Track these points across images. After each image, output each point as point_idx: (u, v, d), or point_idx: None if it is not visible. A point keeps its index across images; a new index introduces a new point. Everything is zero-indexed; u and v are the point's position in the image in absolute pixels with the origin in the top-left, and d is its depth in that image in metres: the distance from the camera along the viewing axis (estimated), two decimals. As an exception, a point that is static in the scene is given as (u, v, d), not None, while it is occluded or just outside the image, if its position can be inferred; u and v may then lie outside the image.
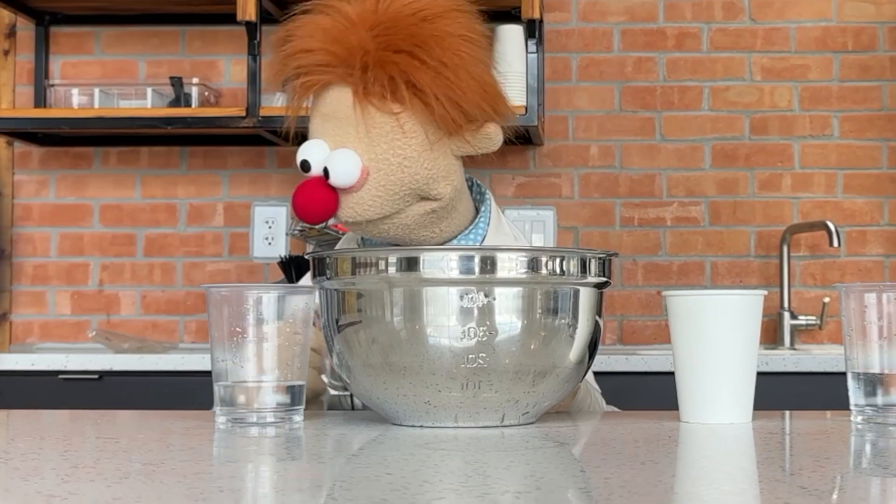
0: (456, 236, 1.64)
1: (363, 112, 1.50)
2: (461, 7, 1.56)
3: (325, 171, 1.50)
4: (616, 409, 1.75)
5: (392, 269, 1.23)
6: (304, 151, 1.53)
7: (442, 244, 1.63)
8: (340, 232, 2.94)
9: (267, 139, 3.21)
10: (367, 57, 1.50)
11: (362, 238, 1.70)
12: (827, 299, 3.20)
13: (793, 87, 3.31)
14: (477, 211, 1.68)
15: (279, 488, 0.88)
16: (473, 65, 1.52)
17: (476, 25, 1.57)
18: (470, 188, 1.68)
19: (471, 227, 1.65)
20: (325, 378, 1.55)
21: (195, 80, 3.21)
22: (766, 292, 1.33)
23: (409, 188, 1.54)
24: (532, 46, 2.96)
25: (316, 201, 1.51)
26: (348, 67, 1.50)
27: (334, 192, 1.50)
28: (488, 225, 1.67)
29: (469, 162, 1.69)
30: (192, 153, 3.38)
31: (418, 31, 1.51)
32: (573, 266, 1.26)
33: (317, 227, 2.99)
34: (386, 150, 1.51)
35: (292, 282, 2.95)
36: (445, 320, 1.21)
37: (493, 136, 1.57)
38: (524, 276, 1.23)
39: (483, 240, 1.66)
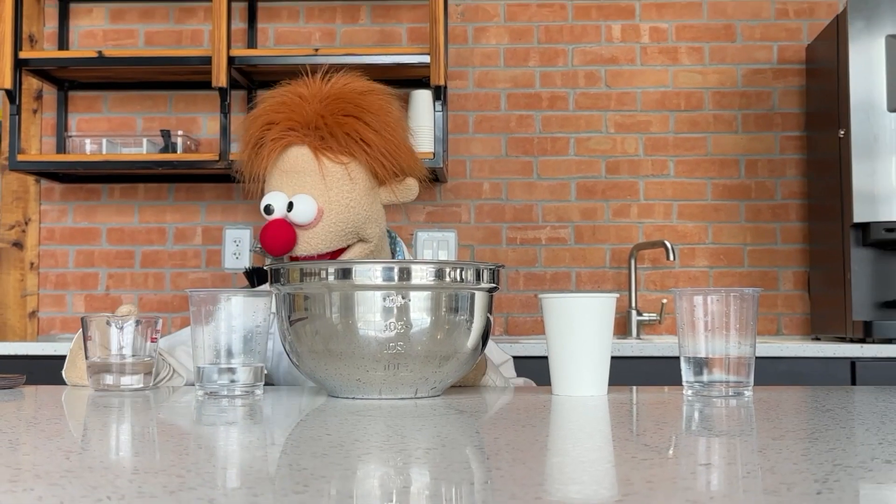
0: None
1: (319, 163, 1.56)
2: (384, 89, 1.67)
3: (289, 210, 1.55)
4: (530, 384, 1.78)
5: (331, 278, 1.28)
6: (268, 199, 1.59)
7: None
8: None
9: (235, 178, 3.29)
10: (321, 120, 1.57)
11: None
12: (665, 300, 3.39)
13: (639, 137, 3.49)
14: (393, 254, 1.75)
15: (244, 445, 0.90)
16: (400, 130, 1.63)
17: (396, 101, 1.68)
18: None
19: None
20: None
21: (180, 133, 3.37)
22: (618, 295, 1.42)
23: (352, 227, 1.60)
24: (438, 107, 3.13)
25: (280, 238, 1.54)
26: (306, 130, 1.56)
27: (293, 230, 1.55)
28: None
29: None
30: (177, 188, 3.53)
31: (360, 101, 1.60)
32: (470, 275, 1.32)
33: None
34: (337, 193, 1.57)
35: (254, 287, 2.94)
36: (372, 316, 1.26)
37: (412, 188, 1.68)
38: (432, 282, 1.28)
39: None
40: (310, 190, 1.56)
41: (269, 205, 1.58)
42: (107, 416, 1.13)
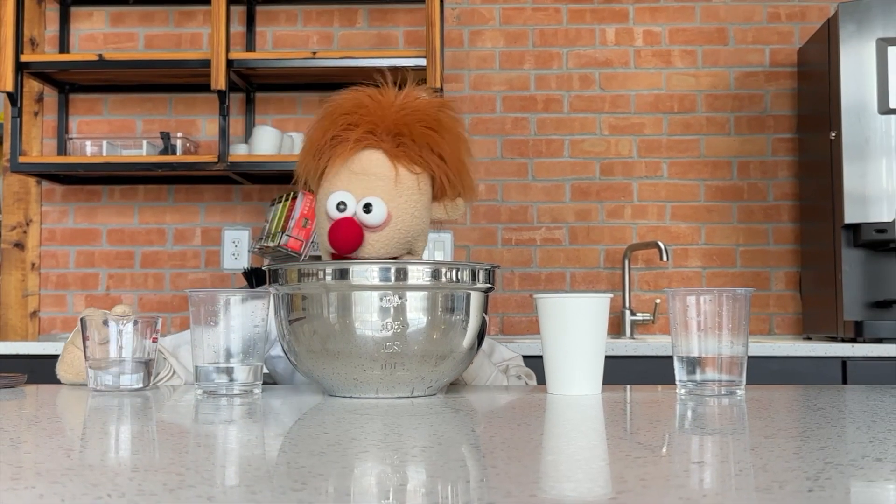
0: None
1: (395, 169, 1.52)
2: (455, 106, 1.65)
3: (366, 212, 1.51)
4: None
5: (329, 278, 1.27)
6: (339, 196, 1.53)
7: None
8: (291, 250, 3.06)
9: (234, 179, 3.39)
10: (402, 128, 1.54)
11: None
12: (658, 300, 3.40)
13: (632, 139, 3.49)
14: None
15: (243, 444, 0.90)
16: (466, 151, 1.61)
17: (462, 121, 1.67)
18: None
19: None
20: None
21: (179, 135, 3.36)
22: (612, 295, 1.36)
23: (410, 237, 1.55)
24: None
25: (351, 236, 1.49)
26: (384, 135, 1.53)
27: (362, 230, 1.50)
28: None
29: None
30: (177, 190, 3.52)
31: (437, 115, 1.58)
32: (466, 275, 1.31)
33: (271, 245, 3.09)
34: (406, 201, 1.53)
35: (253, 287, 3.10)
36: (369, 316, 1.25)
37: (461, 208, 1.64)
38: (429, 282, 1.28)
39: None
40: (381, 194, 1.52)
41: (343, 202, 1.53)
42: (107, 416, 1.13)
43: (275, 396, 1.35)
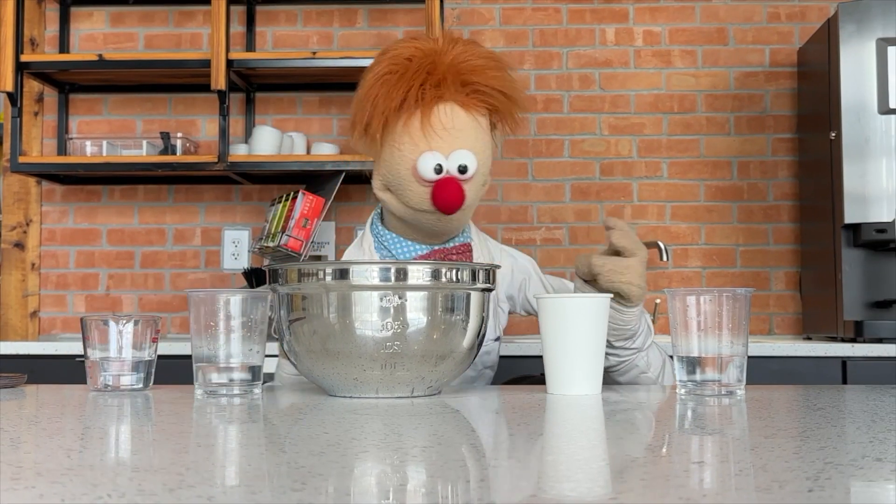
0: (458, 233, 1.68)
1: (474, 119, 1.56)
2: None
3: (461, 172, 1.55)
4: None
5: (328, 278, 1.26)
6: (430, 158, 1.55)
7: (449, 239, 1.67)
8: (290, 250, 3.07)
9: (234, 179, 3.40)
10: (467, 76, 1.55)
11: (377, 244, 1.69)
12: (658, 300, 3.15)
13: (632, 139, 3.49)
14: None
15: (243, 444, 0.90)
16: (524, 86, 1.70)
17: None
18: None
19: (465, 227, 1.71)
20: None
21: (179, 135, 3.37)
22: (611, 295, 1.42)
23: (488, 174, 1.65)
24: None
25: (457, 196, 1.54)
26: (453, 86, 1.55)
27: (462, 186, 1.55)
28: (472, 227, 1.74)
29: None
30: (177, 190, 3.53)
31: (490, 53, 1.60)
32: (466, 275, 1.31)
33: (271, 245, 3.11)
34: (483, 146, 1.59)
35: (253, 287, 3.15)
36: (369, 316, 1.25)
37: (502, 140, 1.71)
38: (428, 282, 1.27)
39: (471, 237, 1.71)
40: (467, 146, 1.56)
41: (439, 164, 1.55)
42: (107, 416, 1.13)
43: (275, 396, 1.34)
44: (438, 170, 1.55)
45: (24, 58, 3.24)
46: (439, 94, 1.55)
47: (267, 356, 1.42)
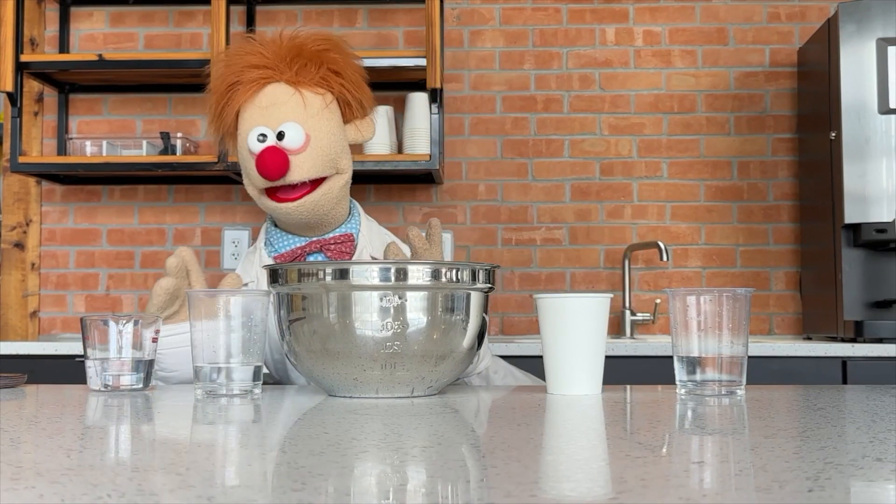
0: (340, 224, 1.74)
1: (300, 94, 1.62)
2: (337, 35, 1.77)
3: (280, 139, 1.60)
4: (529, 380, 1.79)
5: (328, 278, 1.26)
6: (256, 130, 1.62)
7: (329, 230, 1.71)
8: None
9: (234, 179, 3.38)
10: (297, 52, 1.64)
11: (271, 228, 1.74)
12: (658, 300, 3.41)
13: (632, 139, 3.49)
14: (350, 209, 1.80)
15: (242, 444, 0.90)
16: (361, 68, 1.74)
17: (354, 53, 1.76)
18: None
19: (349, 218, 1.76)
20: None
21: (179, 135, 3.37)
22: (612, 295, 1.33)
23: (333, 155, 1.65)
24: (435, 109, 3.13)
25: (276, 162, 1.57)
26: (280, 66, 1.63)
27: (286, 155, 1.59)
28: (360, 216, 1.79)
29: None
30: (177, 190, 3.53)
31: (329, 39, 1.70)
32: (466, 275, 1.31)
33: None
34: (318, 121, 1.62)
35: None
36: (369, 316, 1.25)
37: (373, 126, 1.74)
38: (429, 282, 1.27)
39: (359, 227, 1.76)
40: (294, 118, 1.62)
41: (263, 133, 1.61)
42: (107, 416, 1.13)
43: (275, 396, 1.34)
44: (261, 139, 1.61)
45: (24, 58, 3.23)
46: (268, 75, 1.62)
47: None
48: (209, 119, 1.71)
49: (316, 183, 1.66)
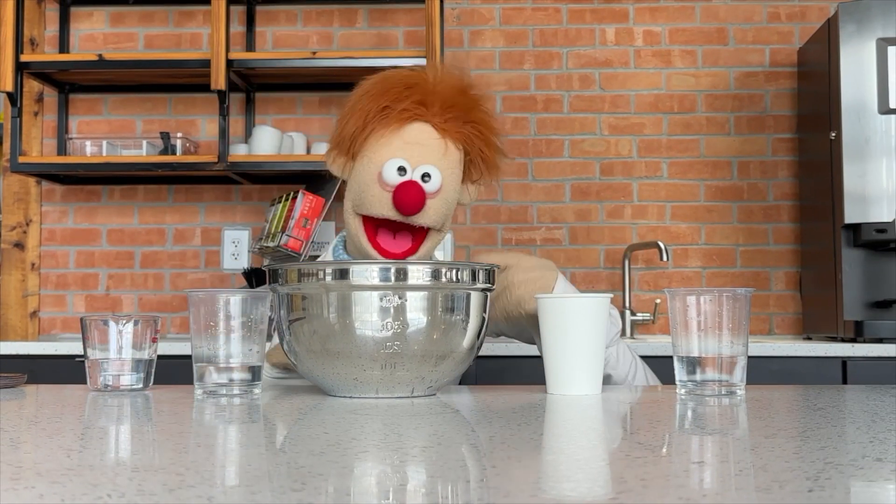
0: None
1: (445, 142, 1.57)
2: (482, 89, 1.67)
3: (423, 180, 1.55)
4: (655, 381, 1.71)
5: (328, 278, 1.26)
6: (396, 161, 1.56)
7: None
8: (290, 250, 3.06)
9: (234, 179, 3.40)
10: (451, 105, 1.57)
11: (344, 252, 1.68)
12: (658, 300, 3.41)
13: (632, 139, 3.50)
14: None
15: (242, 444, 0.89)
16: (501, 138, 1.66)
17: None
18: None
19: None
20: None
21: (179, 135, 3.36)
22: (612, 295, 1.35)
23: (450, 210, 1.61)
24: None
25: (417, 198, 1.52)
26: (434, 109, 1.56)
27: (425, 193, 1.54)
28: None
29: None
30: (176, 190, 3.53)
31: (481, 97, 1.63)
32: (466, 276, 1.31)
33: (271, 245, 3.10)
34: (451, 174, 1.58)
35: (253, 287, 3.17)
36: (369, 316, 1.25)
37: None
38: (429, 283, 1.27)
39: None
40: (434, 163, 1.57)
41: (402, 167, 1.56)
42: (107, 416, 1.13)
43: (275, 396, 1.34)
44: (402, 173, 1.55)
45: (24, 58, 3.24)
46: (418, 111, 1.57)
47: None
48: (340, 132, 1.63)
49: (419, 237, 1.60)
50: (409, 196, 1.53)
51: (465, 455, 0.83)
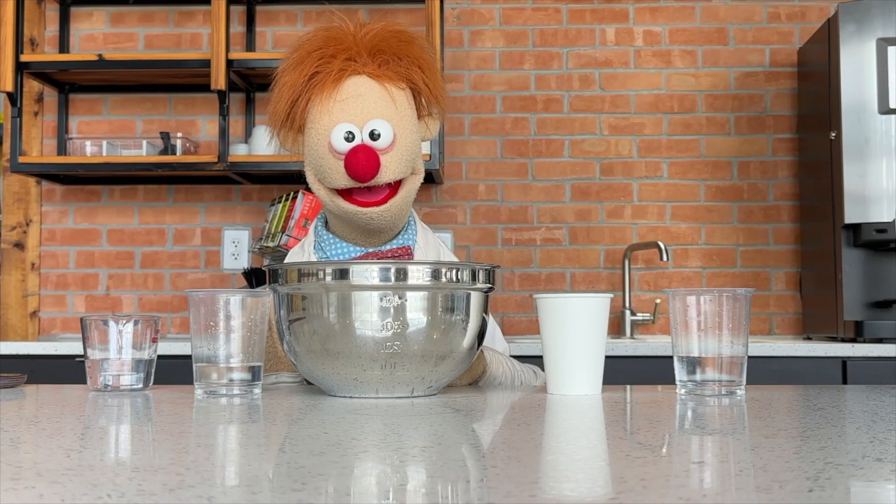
0: (399, 233, 1.63)
1: (386, 89, 1.52)
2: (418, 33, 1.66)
3: (372, 139, 1.51)
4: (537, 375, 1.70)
5: (328, 278, 1.26)
6: (342, 128, 1.51)
7: (388, 239, 1.61)
8: (290, 250, 3.20)
9: (234, 179, 3.40)
10: (382, 46, 1.54)
11: (317, 246, 1.65)
12: (658, 300, 3.41)
13: (632, 139, 3.50)
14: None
15: (242, 444, 0.90)
16: (439, 64, 1.67)
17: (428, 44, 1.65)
18: None
19: (405, 227, 1.65)
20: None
21: (179, 135, 3.36)
22: (612, 295, 1.29)
23: (413, 155, 1.56)
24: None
25: (370, 163, 1.49)
26: (363, 58, 1.53)
27: (378, 155, 1.50)
28: (416, 225, 1.68)
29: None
30: (176, 190, 3.53)
31: (405, 30, 1.60)
32: (466, 275, 1.30)
33: (271, 245, 3.10)
34: (403, 118, 1.53)
35: (253, 287, 3.13)
36: (369, 316, 1.24)
37: (435, 127, 1.64)
38: (429, 283, 1.27)
39: (415, 237, 1.65)
40: (382, 115, 1.52)
41: (350, 131, 1.51)
42: (107, 416, 1.13)
43: (275, 396, 1.34)
44: (349, 137, 1.51)
45: (24, 58, 3.24)
46: (349, 66, 1.53)
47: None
48: (274, 110, 1.59)
49: (395, 185, 1.57)
50: (360, 163, 1.49)
51: (465, 455, 0.83)
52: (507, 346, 1.80)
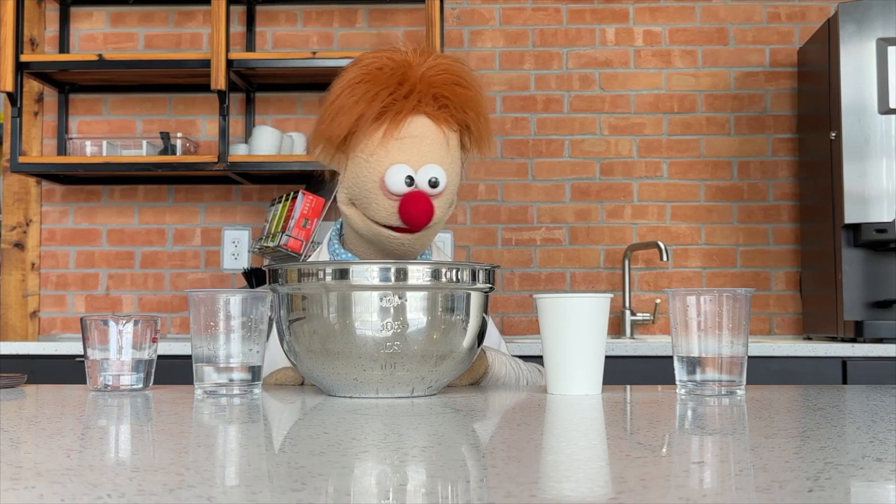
0: (415, 256, 1.62)
1: (444, 134, 1.52)
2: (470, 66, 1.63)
3: (432, 186, 1.51)
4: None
5: (328, 278, 1.26)
6: (399, 170, 1.51)
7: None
8: (290, 250, 3.07)
9: (233, 179, 3.40)
10: (439, 90, 1.52)
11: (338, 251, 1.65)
12: (658, 300, 3.42)
13: (632, 139, 3.50)
14: None
15: (242, 444, 0.90)
16: (489, 107, 1.67)
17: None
18: None
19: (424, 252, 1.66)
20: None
21: (179, 135, 3.37)
22: (612, 295, 1.33)
23: (455, 193, 1.59)
24: None
25: (426, 210, 1.50)
26: (420, 97, 1.51)
27: (431, 201, 1.51)
28: (432, 246, 1.69)
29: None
30: (176, 190, 3.54)
31: (465, 73, 1.56)
32: (466, 275, 1.30)
33: (271, 245, 3.11)
34: (454, 161, 1.54)
35: (253, 287, 3.16)
36: (369, 316, 1.24)
37: (465, 162, 1.64)
38: (429, 283, 1.27)
39: (430, 255, 1.67)
40: (437, 160, 1.52)
41: (410, 176, 1.51)
42: (107, 416, 1.12)
43: (275, 396, 1.34)
44: (409, 182, 1.51)
45: (23, 58, 3.24)
46: (409, 105, 1.51)
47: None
48: (328, 129, 1.57)
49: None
50: (420, 213, 1.49)
51: (465, 455, 0.83)
52: (506, 347, 1.80)
